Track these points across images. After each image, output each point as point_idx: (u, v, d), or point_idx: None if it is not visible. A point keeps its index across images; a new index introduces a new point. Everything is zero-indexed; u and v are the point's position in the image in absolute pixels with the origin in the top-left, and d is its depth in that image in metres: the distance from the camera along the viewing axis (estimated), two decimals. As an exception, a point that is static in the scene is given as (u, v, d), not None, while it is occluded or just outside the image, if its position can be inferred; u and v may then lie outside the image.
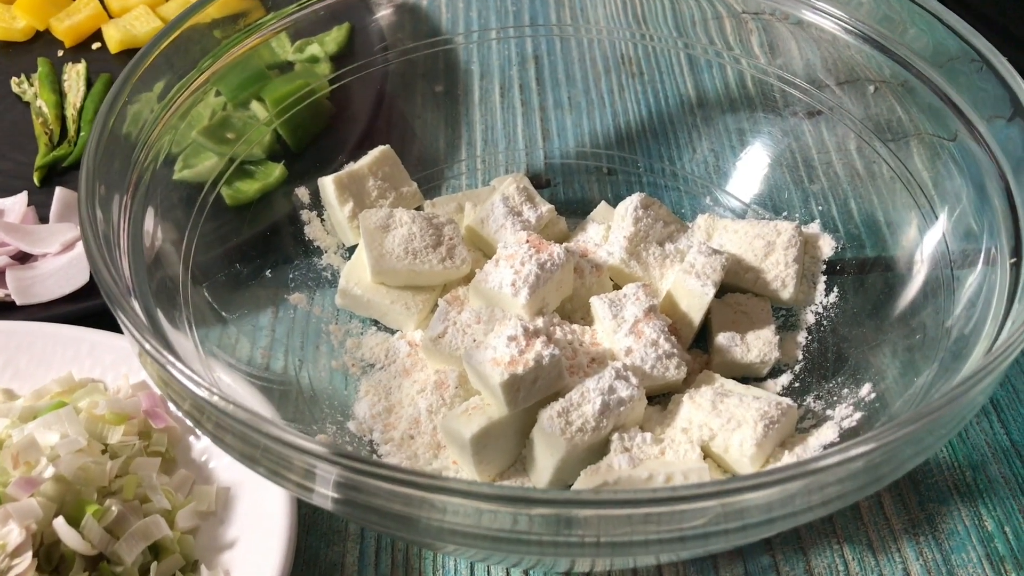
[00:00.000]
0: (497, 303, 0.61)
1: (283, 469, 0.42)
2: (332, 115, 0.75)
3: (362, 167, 0.69)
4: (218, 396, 0.42)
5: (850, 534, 0.56)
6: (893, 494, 0.57)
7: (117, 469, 0.53)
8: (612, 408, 0.54)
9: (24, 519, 0.48)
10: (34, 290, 0.68)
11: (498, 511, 0.39)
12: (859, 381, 0.59)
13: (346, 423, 0.60)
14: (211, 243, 0.63)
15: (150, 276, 0.54)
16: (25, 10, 0.93)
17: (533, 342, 0.54)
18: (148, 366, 0.47)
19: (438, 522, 0.40)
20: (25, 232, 0.71)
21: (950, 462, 0.59)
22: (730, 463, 0.55)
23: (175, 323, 0.54)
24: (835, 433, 0.56)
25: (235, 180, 0.67)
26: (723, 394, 0.56)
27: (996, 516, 0.57)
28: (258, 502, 0.53)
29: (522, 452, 0.57)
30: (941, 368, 0.51)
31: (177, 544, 0.52)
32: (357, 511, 0.41)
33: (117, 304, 0.46)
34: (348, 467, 0.39)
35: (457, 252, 0.65)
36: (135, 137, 0.57)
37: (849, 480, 0.40)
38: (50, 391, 0.58)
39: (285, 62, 0.73)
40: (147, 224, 0.56)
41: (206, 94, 0.63)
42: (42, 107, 0.84)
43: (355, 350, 0.64)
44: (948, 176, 0.59)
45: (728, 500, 0.37)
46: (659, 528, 0.38)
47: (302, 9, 0.68)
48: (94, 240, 0.48)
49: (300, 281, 0.67)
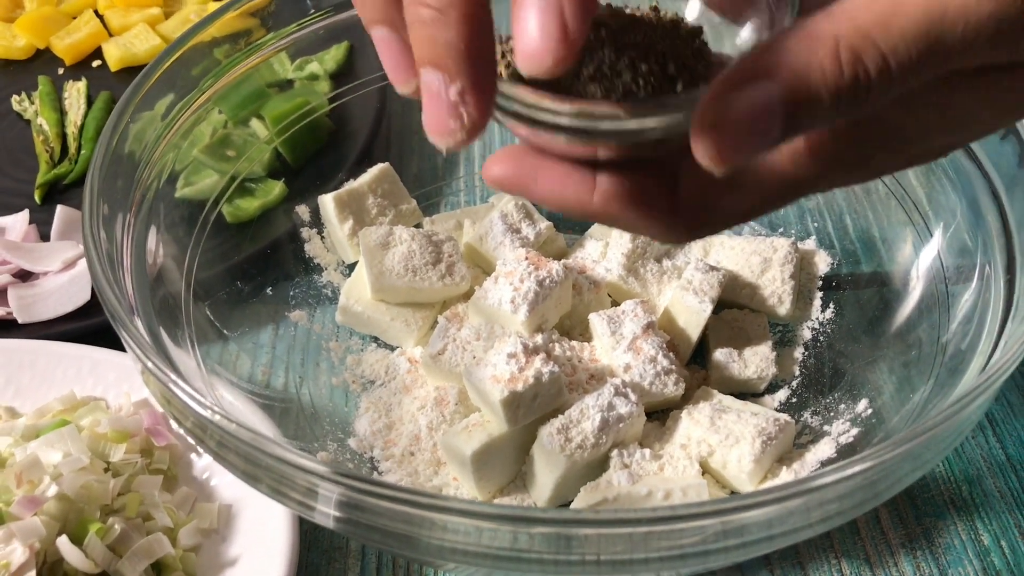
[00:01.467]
0: (496, 320, 0.61)
1: (285, 487, 0.43)
2: (332, 133, 0.76)
3: (362, 185, 0.70)
4: (220, 415, 0.42)
5: (847, 549, 0.56)
6: (890, 509, 0.58)
7: (119, 487, 0.53)
8: (611, 424, 0.54)
9: (27, 538, 0.49)
10: (36, 308, 0.68)
11: (498, 530, 0.39)
12: (856, 397, 0.59)
13: (347, 440, 0.60)
14: (212, 261, 0.63)
15: (152, 294, 0.54)
16: (25, 28, 0.93)
17: (532, 359, 0.55)
18: (151, 384, 0.47)
19: (439, 540, 0.40)
20: (26, 250, 0.72)
21: (946, 477, 0.59)
22: (728, 479, 0.56)
23: (177, 341, 0.54)
24: (832, 449, 0.56)
25: (236, 198, 0.67)
26: (721, 410, 0.57)
27: (992, 530, 0.57)
28: (260, 519, 0.54)
29: (522, 468, 0.57)
30: (937, 384, 0.52)
31: (180, 562, 0.52)
32: (358, 529, 0.42)
33: (120, 323, 0.46)
34: (349, 486, 0.40)
35: (456, 269, 0.65)
36: (138, 156, 0.57)
37: (848, 497, 0.40)
38: (52, 409, 0.58)
39: (285, 80, 0.73)
40: (150, 242, 0.56)
41: (208, 112, 0.64)
42: (43, 125, 0.84)
43: (355, 367, 0.65)
44: (942, 192, 0.60)
45: (728, 518, 0.38)
46: (659, 546, 0.39)
47: (302, 28, 0.68)
48: (98, 259, 0.49)
49: (300, 298, 0.68)
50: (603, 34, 0.35)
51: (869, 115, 0.32)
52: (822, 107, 0.30)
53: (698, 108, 0.30)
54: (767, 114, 0.30)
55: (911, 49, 0.30)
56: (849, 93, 0.30)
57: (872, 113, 0.32)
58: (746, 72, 0.30)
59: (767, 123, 0.30)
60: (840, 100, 0.30)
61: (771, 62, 0.30)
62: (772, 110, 0.30)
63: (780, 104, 0.29)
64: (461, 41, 0.30)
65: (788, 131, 0.30)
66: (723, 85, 0.30)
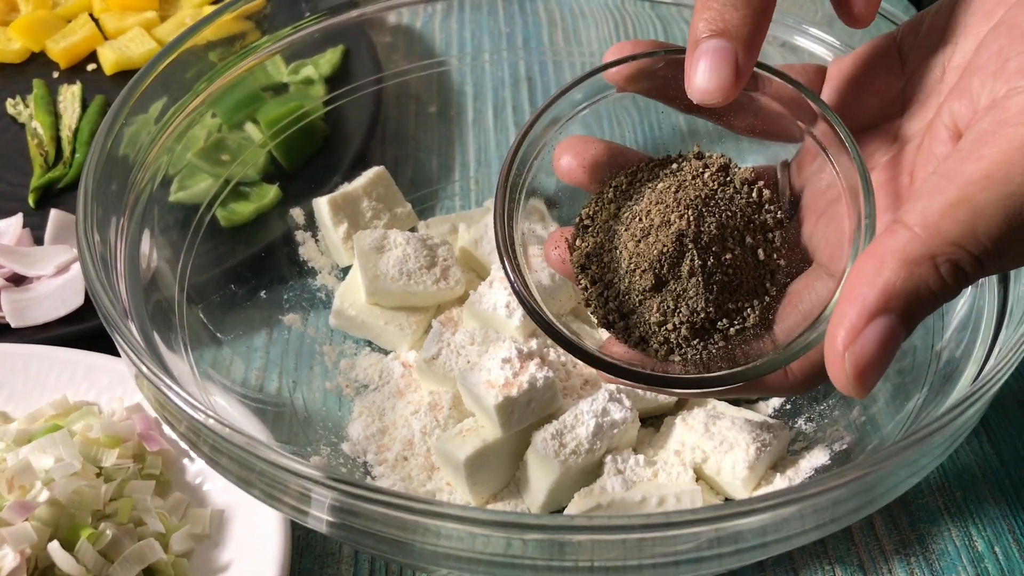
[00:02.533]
0: (491, 324, 0.61)
1: (278, 492, 0.42)
2: (326, 136, 0.76)
3: (356, 188, 0.70)
4: (214, 419, 0.42)
5: (841, 555, 0.56)
6: (884, 515, 0.58)
7: (111, 492, 0.53)
8: (605, 430, 0.54)
9: (19, 543, 0.48)
10: (29, 312, 0.68)
11: (492, 535, 0.39)
12: (850, 403, 0.59)
13: (340, 444, 0.60)
14: (206, 264, 0.63)
15: (146, 298, 0.54)
16: (20, 32, 0.93)
17: (527, 364, 0.55)
18: (145, 389, 0.47)
19: (432, 546, 0.40)
20: (20, 254, 0.71)
21: (940, 483, 0.60)
22: (722, 485, 0.55)
23: (171, 345, 0.54)
24: (826, 455, 0.56)
25: (230, 201, 0.67)
26: (715, 416, 0.57)
27: (986, 536, 0.57)
28: (252, 524, 0.53)
29: (516, 474, 0.57)
30: (931, 391, 0.52)
31: (172, 567, 0.52)
32: (351, 534, 0.41)
33: (115, 327, 0.46)
34: (342, 491, 0.40)
35: (451, 273, 0.65)
36: (132, 159, 0.57)
37: (842, 504, 0.40)
38: (44, 414, 0.58)
39: (280, 84, 0.73)
40: (143, 246, 0.56)
41: (202, 116, 0.64)
42: (37, 129, 0.84)
43: (349, 371, 0.65)
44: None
45: (722, 525, 0.38)
46: (653, 552, 0.39)
47: (297, 32, 0.68)
48: (92, 263, 0.49)
49: (294, 302, 0.68)
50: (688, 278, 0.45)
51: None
52: (932, 308, 0.35)
53: (831, 358, 0.35)
54: (892, 339, 0.35)
55: (1000, 244, 0.34)
56: (953, 291, 0.35)
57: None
58: (863, 313, 0.34)
59: (893, 345, 0.35)
60: (946, 297, 0.35)
61: (880, 295, 0.34)
62: (895, 334, 0.35)
63: (900, 326, 0.34)
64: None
65: (907, 336, 0.35)
66: (847, 332, 0.35)
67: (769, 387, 0.45)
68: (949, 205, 0.34)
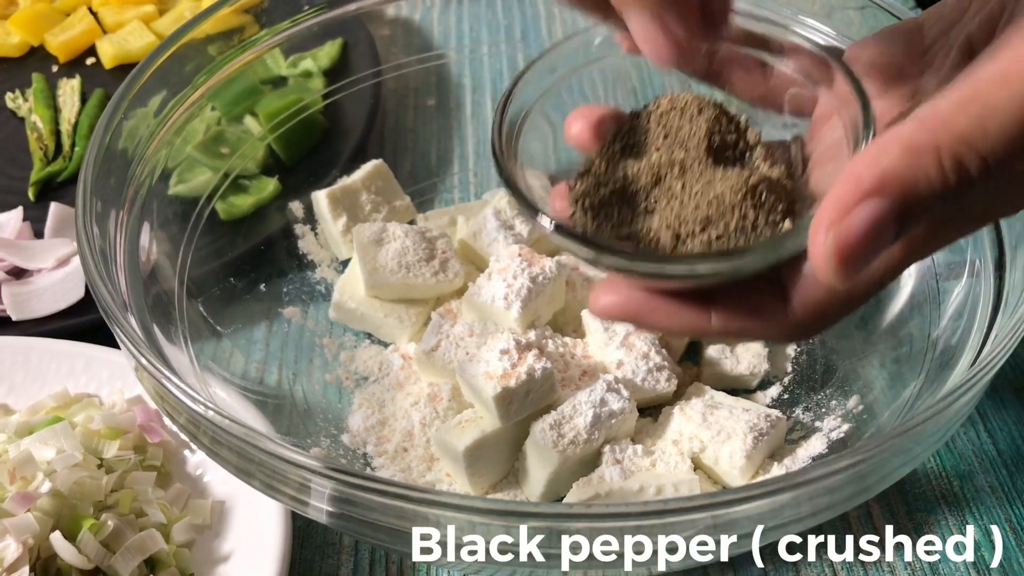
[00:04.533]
0: (490, 316, 0.61)
1: (278, 483, 0.43)
2: (325, 129, 0.76)
3: (355, 181, 0.70)
4: (214, 410, 0.43)
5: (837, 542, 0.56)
6: (881, 504, 0.58)
7: (113, 483, 0.53)
8: (603, 420, 0.55)
9: (21, 534, 0.49)
10: (29, 305, 0.68)
11: (491, 524, 0.39)
12: (847, 392, 0.59)
13: (340, 436, 0.60)
14: (206, 258, 0.63)
15: (146, 291, 0.54)
16: (19, 25, 0.93)
17: (525, 355, 0.55)
18: (145, 381, 0.47)
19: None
20: (20, 247, 0.72)
21: (937, 471, 0.60)
22: (720, 475, 0.56)
23: (171, 338, 0.54)
24: (824, 444, 0.56)
25: (229, 195, 0.67)
26: (713, 406, 0.57)
27: (982, 524, 0.57)
28: (253, 515, 0.54)
29: (515, 464, 0.58)
30: (928, 379, 0.52)
31: (173, 558, 0.52)
32: (351, 524, 0.42)
33: (114, 319, 0.46)
34: (342, 481, 0.40)
35: (450, 266, 0.65)
36: (131, 153, 0.57)
37: (838, 491, 0.41)
38: (46, 406, 0.59)
39: (279, 77, 0.73)
40: (143, 239, 0.56)
41: (201, 109, 0.64)
42: (37, 122, 0.84)
43: (349, 363, 0.65)
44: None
45: (718, 512, 0.38)
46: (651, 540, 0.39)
47: (296, 25, 0.68)
48: (91, 256, 0.49)
49: (294, 295, 0.68)
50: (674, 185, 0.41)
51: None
52: (929, 209, 0.32)
53: (814, 233, 0.33)
54: (882, 227, 0.32)
55: (1008, 147, 0.32)
56: (954, 193, 0.32)
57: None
58: (855, 192, 0.32)
59: (883, 234, 0.32)
60: (945, 199, 0.32)
61: (876, 177, 0.32)
62: (886, 222, 0.32)
63: (893, 215, 0.32)
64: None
65: (900, 235, 0.33)
66: (835, 208, 0.32)
67: (765, 316, 0.39)
68: (961, 99, 0.33)
